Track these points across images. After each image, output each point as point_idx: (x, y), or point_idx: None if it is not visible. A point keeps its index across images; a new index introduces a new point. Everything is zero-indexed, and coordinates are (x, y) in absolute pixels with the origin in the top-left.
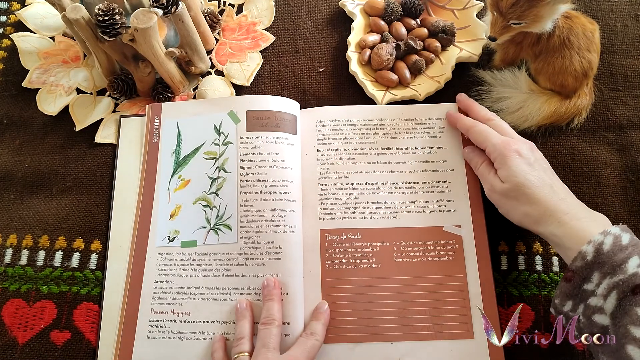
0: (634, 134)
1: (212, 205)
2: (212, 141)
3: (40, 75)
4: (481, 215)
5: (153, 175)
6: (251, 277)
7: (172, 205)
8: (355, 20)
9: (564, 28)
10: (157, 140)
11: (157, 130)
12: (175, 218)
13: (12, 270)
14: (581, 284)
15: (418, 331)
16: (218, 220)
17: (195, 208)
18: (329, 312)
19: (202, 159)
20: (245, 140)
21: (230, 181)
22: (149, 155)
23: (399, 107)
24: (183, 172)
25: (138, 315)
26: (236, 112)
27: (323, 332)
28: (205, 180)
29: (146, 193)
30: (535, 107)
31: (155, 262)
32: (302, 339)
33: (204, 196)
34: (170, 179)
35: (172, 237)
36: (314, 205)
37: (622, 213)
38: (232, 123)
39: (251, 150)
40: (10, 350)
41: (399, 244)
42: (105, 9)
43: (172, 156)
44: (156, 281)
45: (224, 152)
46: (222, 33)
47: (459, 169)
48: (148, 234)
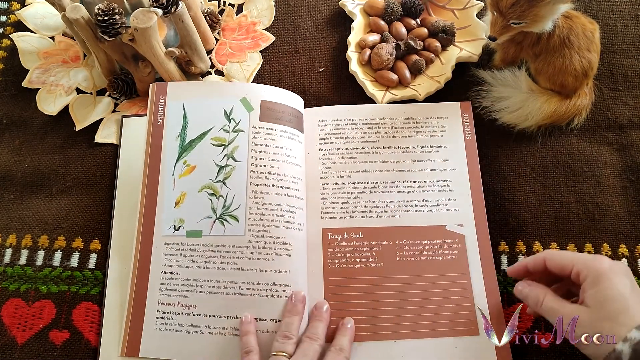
0: (634, 133)
1: (218, 194)
2: (221, 127)
3: (40, 75)
4: (483, 213)
5: (157, 159)
6: (258, 272)
7: (177, 192)
8: (355, 20)
9: (564, 28)
10: (162, 121)
11: (161, 111)
12: (180, 206)
13: (11, 270)
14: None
15: (421, 329)
16: (224, 211)
17: (200, 196)
18: (329, 312)
19: (210, 145)
20: (258, 130)
21: (239, 170)
22: (153, 138)
23: (401, 106)
24: (188, 157)
25: (146, 306)
26: (249, 100)
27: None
28: (212, 167)
29: (151, 178)
30: (535, 107)
31: (162, 252)
32: (332, 354)
33: (210, 184)
34: (175, 164)
35: (177, 226)
36: (316, 204)
37: (622, 213)
38: (245, 111)
39: (264, 142)
40: (9, 350)
41: (401, 243)
42: (105, 9)
43: (177, 140)
44: (163, 272)
45: (234, 139)
46: (222, 33)
47: (461, 167)
48: (154, 222)
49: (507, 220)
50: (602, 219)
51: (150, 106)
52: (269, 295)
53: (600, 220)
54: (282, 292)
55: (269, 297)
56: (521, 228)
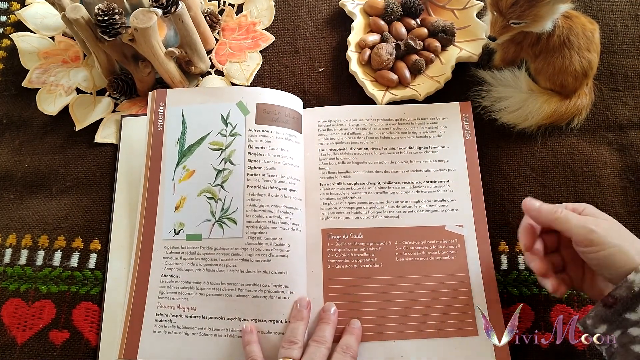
0: (634, 134)
1: (217, 197)
2: (219, 131)
3: (40, 75)
4: (483, 214)
5: (158, 165)
6: (256, 273)
7: (177, 197)
8: (355, 20)
9: (564, 28)
10: (162, 128)
11: (161, 118)
12: (180, 210)
13: (11, 269)
14: (622, 312)
15: (420, 329)
16: (223, 214)
17: (199, 200)
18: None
19: (208, 150)
20: (254, 133)
21: (236, 174)
22: (153, 144)
23: (401, 107)
24: (188, 162)
25: (145, 309)
26: (245, 104)
27: (357, 346)
28: (211, 172)
29: (151, 183)
30: (535, 107)
31: (162, 256)
32: (338, 355)
33: (208, 188)
34: (175, 169)
35: (177, 229)
36: (315, 204)
37: (622, 213)
38: (241, 114)
39: (260, 144)
40: (9, 350)
41: (400, 243)
42: (105, 9)
43: (176, 145)
44: (163, 275)
45: (230, 143)
46: (222, 33)
47: (461, 168)
48: (154, 227)
49: (507, 220)
50: None
51: (150, 113)
52: (267, 297)
53: None
54: (280, 294)
55: (267, 298)
56: None
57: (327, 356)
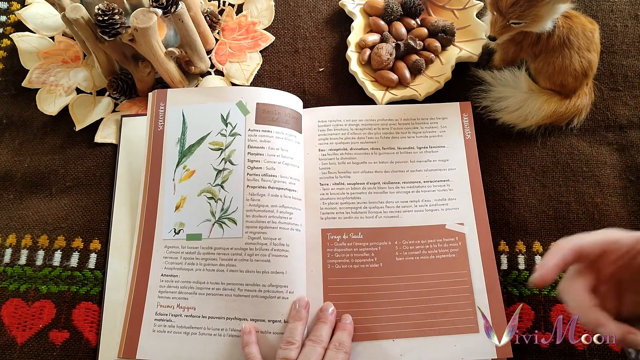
0: (634, 134)
1: (217, 197)
2: (219, 131)
3: (40, 75)
4: (484, 211)
5: (158, 165)
6: (256, 273)
7: (177, 197)
8: (355, 20)
9: (564, 28)
10: (162, 128)
11: (162, 118)
12: (180, 210)
13: (11, 269)
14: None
15: (420, 327)
16: (223, 214)
17: (200, 200)
18: (335, 314)
19: (208, 149)
20: (254, 133)
21: (236, 174)
22: (154, 144)
23: (400, 107)
24: (188, 162)
25: (144, 308)
26: (245, 103)
27: (350, 342)
28: (211, 172)
29: (152, 183)
30: (535, 107)
31: (162, 255)
32: (331, 352)
33: (208, 188)
34: (175, 169)
35: (177, 229)
36: (315, 204)
37: (622, 213)
38: (241, 114)
39: (260, 144)
40: (9, 350)
41: (400, 243)
42: (104, 9)
43: (177, 145)
44: (162, 274)
45: (230, 143)
46: (221, 33)
47: (461, 167)
48: (154, 226)
49: (507, 220)
50: (601, 219)
51: (150, 113)
52: (267, 297)
53: (599, 220)
54: (279, 293)
55: (267, 298)
56: (521, 228)
57: (323, 355)
